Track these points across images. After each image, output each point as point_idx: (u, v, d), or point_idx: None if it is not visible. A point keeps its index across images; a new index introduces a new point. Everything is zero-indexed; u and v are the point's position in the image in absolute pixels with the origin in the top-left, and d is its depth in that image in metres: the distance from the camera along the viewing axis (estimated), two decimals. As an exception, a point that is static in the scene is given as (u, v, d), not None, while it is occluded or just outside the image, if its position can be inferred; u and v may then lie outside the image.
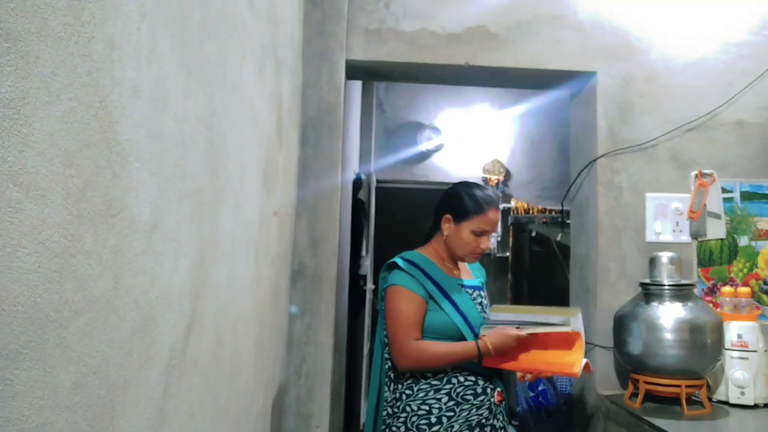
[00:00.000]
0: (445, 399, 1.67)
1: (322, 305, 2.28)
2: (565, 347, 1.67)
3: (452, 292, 1.74)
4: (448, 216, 1.78)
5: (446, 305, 1.71)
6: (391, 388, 1.76)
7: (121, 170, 0.79)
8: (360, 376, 4.00)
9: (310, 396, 2.23)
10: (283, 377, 2.17)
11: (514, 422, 3.35)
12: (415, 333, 1.67)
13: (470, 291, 1.81)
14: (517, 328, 1.66)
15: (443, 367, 1.69)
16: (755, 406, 2.06)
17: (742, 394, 2.06)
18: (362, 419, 3.92)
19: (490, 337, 1.66)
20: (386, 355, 1.77)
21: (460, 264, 1.87)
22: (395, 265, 1.77)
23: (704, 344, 2.01)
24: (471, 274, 1.90)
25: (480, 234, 1.75)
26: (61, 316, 0.66)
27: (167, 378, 0.97)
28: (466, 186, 1.83)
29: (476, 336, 1.70)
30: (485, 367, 1.70)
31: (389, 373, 1.77)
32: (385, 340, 1.77)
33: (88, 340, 0.71)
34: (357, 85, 4.06)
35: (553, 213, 4.80)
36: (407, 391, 1.70)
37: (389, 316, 1.72)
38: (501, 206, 5.04)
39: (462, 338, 1.69)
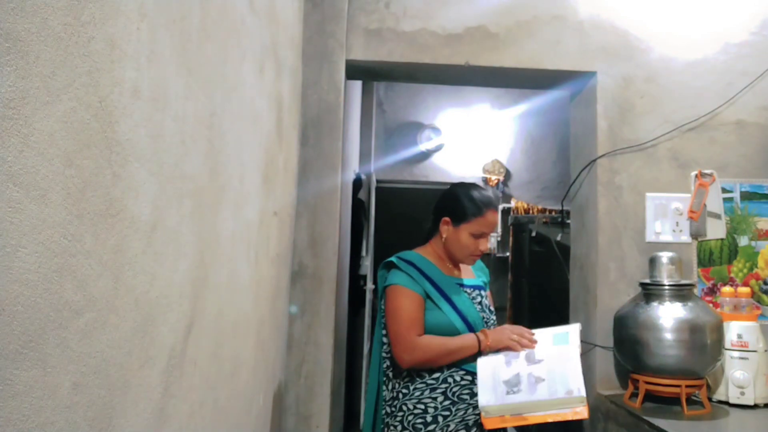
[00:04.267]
0: (440, 398, 1.67)
1: (322, 305, 2.27)
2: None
3: (450, 291, 1.74)
4: (447, 219, 1.77)
5: (444, 305, 1.71)
6: (389, 387, 1.76)
7: (121, 170, 0.79)
8: (360, 376, 4.00)
9: (310, 396, 2.23)
10: (283, 377, 2.17)
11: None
12: (418, 329, 1.68)
13: (469, 290, 1.80)
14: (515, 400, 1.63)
15: (443, 365, 1.69)
16: (755, 406, 2.06)
17: (742, 394, 2.06)
18: (362, 419, 3.92)
19: (491, 332, 1.68)
20: (384, 354, 1.77)
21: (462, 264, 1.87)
22: (392, 264, 1.77)
23: (704, 344, 2.01)
24: (472, 273, 1.89)
25: (479, 236, 1.75)
26: (61, 316, 0.66)
27: (167, 378, 0.97)
28: (464, 187, 1.81)
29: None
30: None
31: (387, 372, 1.77)
32: (384, 339, 1.77)
33: (88, 340, 0.71)
34: (357, 85, 4.05)
35: (553, 213, 4.80)
36: (404, 390, 1.70)
37: (390, 314, 1.72)
38: (501, 206, 5.04)
39: None
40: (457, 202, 1.78)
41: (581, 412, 1.57)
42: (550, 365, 1.62)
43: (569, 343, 1.66)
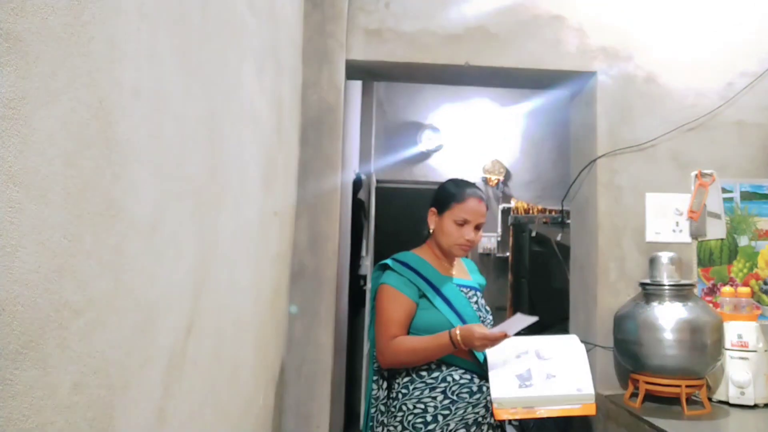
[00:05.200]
0: (440, 397, 1.67)
1: (322, 305, 2.27)
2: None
3: (445, 289, 1.75)
4: (433, 209, 1.81)
5: (439, 302, 1.71)
6: (384, 386, 1.76)
7: (121, 170, 0.79)
8: (360, 376, 4.01)
9: (310, 396, 2.23)
10: (283, 377, 2.17)
11: (513, 422, 3.34)
12: (396, 331, 1.68)
13: (465, 290, 1.81)
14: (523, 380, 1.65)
15: (428, 363, 1.68)
16: (755, 406, 2.06)
17: (742, 394, 2.06)
18: (362, 419, 3.92)
19: (461, 328, 1.62)
20: (375, 353, 1.78)
21: (458, 265, 1.88)
22: (387, 266, 1.78)
23: (704, 344, 2.01)
24: (468, 275, 1.90)
25: (462, 224, 1.75)
26: (61, 316, 0.66)
27: (167, 378, 0.97)
28: (450, 180, 1.87)
29: None
30: (480, 365, 1.70)
31: (382, 371, 1.77)
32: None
33: (88, 340, 0.71)
34: (357, 85, 4.05)
35: (553, 213, 4.80)
36: (403, 390, 1.70)
37: (376, 314, 1.75)
38: (501, 206, 5.04)
39: None
40: (441, 191, 1.83)
41: (590, 409, 1.61)
42: (560, 363, 1.67)
43: (573, 344, 1.72)
